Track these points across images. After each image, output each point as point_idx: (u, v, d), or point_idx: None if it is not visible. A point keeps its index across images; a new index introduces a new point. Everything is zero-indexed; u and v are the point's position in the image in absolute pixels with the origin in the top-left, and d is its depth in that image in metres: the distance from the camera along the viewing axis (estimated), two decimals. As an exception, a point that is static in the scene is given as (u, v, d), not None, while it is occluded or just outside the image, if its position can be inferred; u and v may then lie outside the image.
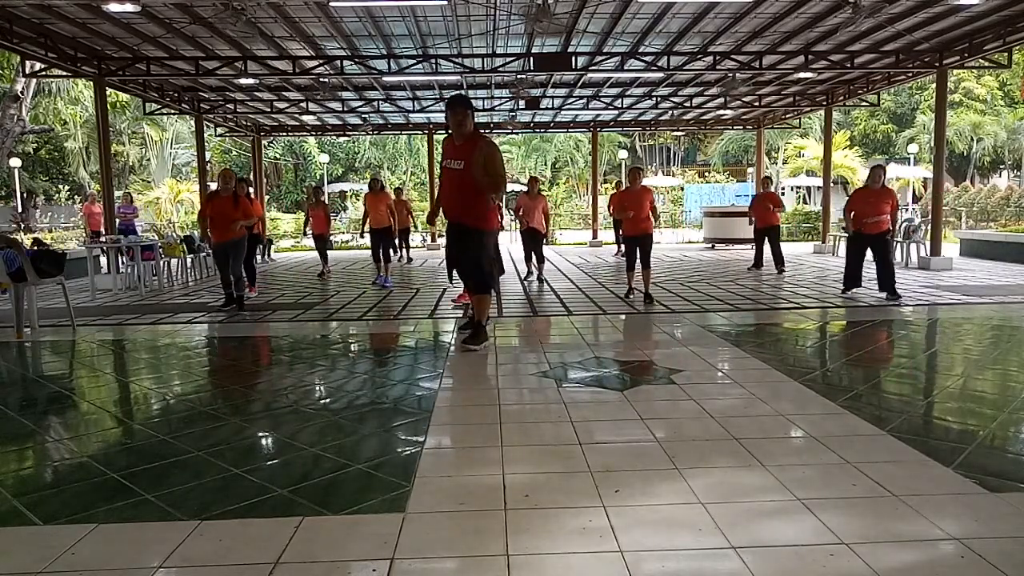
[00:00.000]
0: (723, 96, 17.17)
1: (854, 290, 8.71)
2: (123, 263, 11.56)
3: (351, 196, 33.56)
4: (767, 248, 12.10)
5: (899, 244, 13.09)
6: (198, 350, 6.36)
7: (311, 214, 12.58)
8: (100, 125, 12.56)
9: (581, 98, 17.64)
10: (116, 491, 2.84)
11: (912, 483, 2.75)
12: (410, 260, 15.68)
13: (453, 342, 6.03)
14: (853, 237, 8.67)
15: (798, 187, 32.61)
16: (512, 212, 11.51)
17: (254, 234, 9.98)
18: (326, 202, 13.55)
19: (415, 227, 18.90)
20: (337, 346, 6.32)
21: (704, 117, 21.21)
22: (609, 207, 14.21)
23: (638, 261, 8.39)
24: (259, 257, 16.21)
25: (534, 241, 10.97)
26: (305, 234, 13.92)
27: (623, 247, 15.66)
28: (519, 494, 2.71)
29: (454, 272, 5.90)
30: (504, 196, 14.21)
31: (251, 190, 11.49)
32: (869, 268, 8.54)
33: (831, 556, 2.20)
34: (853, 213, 8.49)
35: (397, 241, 16.31)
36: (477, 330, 5.69)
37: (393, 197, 17.21)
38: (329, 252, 12.98)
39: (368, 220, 11.34)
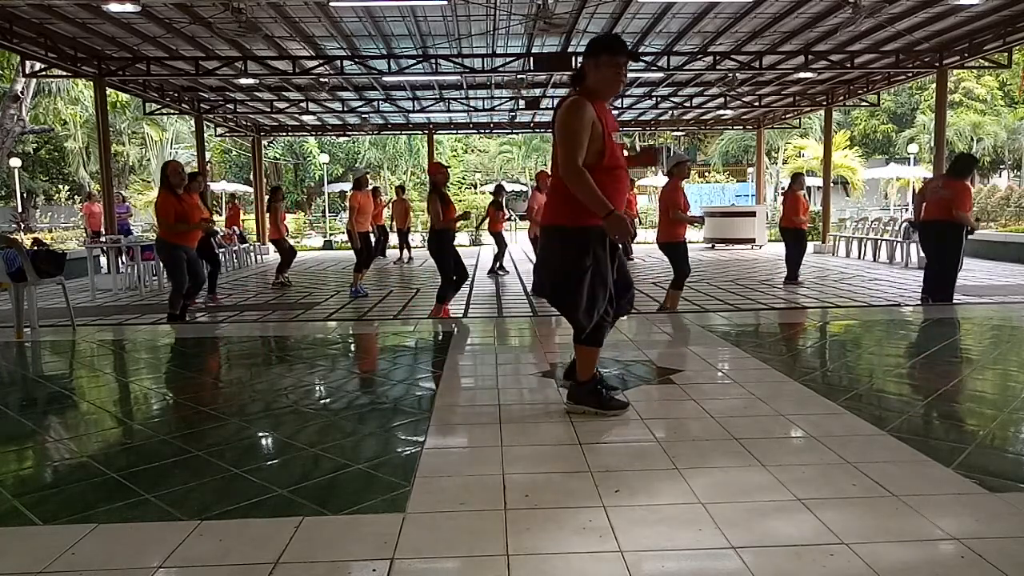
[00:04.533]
0: (723, 96, 17.17)
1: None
2: (123, 263, 11.56)
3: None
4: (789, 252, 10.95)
5: (899, 244, 13.10)
6: (198, 350, 6.36)
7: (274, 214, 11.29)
8: (100, 125, 12.58)
9: (581, 98, 17.60)
10: (116, 491, 2.84)
11: (912, 483, 2.75)
12: (410, 260, 15.70)
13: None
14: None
15: (798, 187, 32.56)
16: (525, 213, 10.33)
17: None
18: (283, 199, 12.37)
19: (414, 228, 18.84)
20: (337, 346, 6.32)
21: (704, 117, 21.23)
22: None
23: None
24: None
25: None
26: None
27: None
28: (519, 494, 2.70)
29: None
30: (505, 196, 13.72)
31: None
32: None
33: (831, 556, 2.20)
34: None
35: (399, 241, 16.37)
36: (581, 390, 3.75)
37: (394, 197, 17.17)
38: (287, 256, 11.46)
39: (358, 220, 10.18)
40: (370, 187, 11.49)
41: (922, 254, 12.21)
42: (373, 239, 12.34)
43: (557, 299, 3.70)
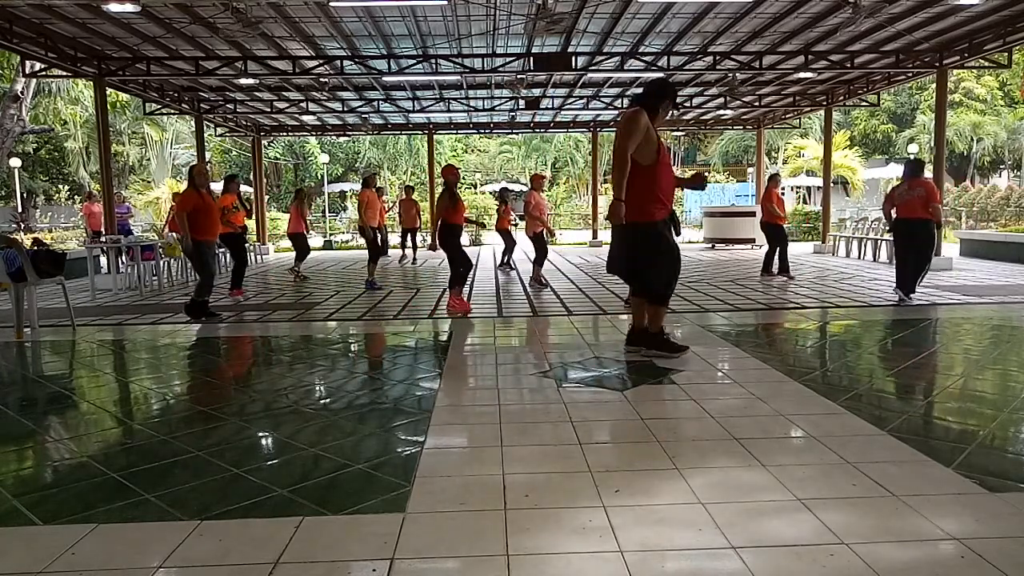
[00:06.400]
0: (723, 96, 17.17)
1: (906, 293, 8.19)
2: (123, 263, 11.56)
3: (351, 196, 33.61)
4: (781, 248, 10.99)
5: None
6: (198, 350, 6.36)
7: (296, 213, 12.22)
8: (100, 125, 12.56)
9: (581, 98, 17.63)
10: (116, 491, 2.84)
11: (912, 483, 2.75)
12: (415, 260, 15.71)
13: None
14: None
15: (798, 187, 32.61)
16: (523, 212, 10.40)
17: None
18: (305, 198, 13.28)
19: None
20: (337, 346, 6.32)
21: (704, 117, 21.20)
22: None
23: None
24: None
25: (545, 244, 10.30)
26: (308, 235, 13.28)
27: None
28: (519, 494, 2.71)
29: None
30: (510, 196, 13.61)
31: None
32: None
33: (831, 556, 2.20)
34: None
35: (403, 240, 16.40)
36: (655, 339, 5.18)
37: (402, 196, 17.31)
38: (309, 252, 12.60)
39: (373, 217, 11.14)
40: (376, 186, 12.03)
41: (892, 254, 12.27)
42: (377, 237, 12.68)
43: (641, 276, 5.07)
